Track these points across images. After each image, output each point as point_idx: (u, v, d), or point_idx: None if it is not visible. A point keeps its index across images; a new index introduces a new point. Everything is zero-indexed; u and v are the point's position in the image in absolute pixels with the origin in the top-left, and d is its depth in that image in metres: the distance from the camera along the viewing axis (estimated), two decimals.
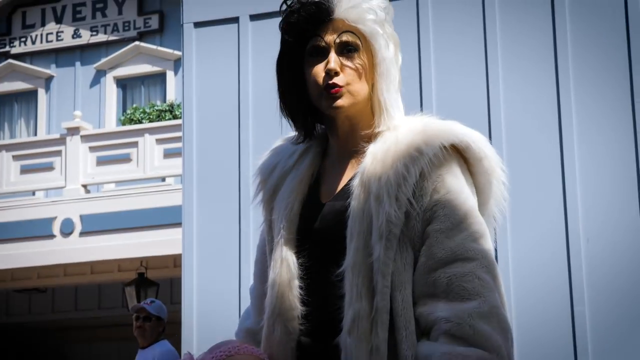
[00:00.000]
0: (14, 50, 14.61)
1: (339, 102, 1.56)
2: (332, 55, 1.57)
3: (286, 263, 1.63)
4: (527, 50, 4.44)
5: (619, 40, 4.24)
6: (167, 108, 12.93)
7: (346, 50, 1.58)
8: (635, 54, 4.17)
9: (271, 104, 3.31)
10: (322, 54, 1.57)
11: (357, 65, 1.58)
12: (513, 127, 4.25)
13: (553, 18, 4.49)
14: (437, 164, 1.51)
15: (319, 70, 1.57)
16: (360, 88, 1.61)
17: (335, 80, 1.55)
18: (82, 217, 11.11)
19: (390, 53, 1.63)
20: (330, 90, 1.56)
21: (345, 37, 1.58)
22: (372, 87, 1.62)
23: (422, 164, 1.50)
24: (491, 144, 1.94)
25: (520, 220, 4.07)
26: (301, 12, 1.58)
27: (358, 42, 1.59)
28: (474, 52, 4.56)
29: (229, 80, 5.33)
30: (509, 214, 3.74)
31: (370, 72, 1.61)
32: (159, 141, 11.50)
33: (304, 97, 1.68)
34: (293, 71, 1.68)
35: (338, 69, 1.56)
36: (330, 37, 1.58)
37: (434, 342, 1.41)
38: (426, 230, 1.48)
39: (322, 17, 1.57)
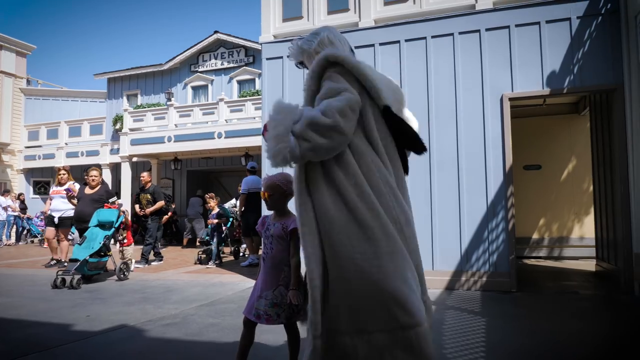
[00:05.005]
0: (199, 69, 14.95)
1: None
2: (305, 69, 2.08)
3: None
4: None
5: None
6: (256, 91, 13.11)
7: (300, 65, 2.14)
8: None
9: (293, 88, 6.04)
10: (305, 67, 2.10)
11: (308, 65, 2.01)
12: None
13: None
14: (317, 66, 1.82)
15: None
16: (310, 65, 1.95)
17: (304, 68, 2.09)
18: (225, 132, 12.21)
19: (310, 55, 2.02)
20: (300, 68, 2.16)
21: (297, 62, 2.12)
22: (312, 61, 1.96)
23: (315, 66, 1.83)
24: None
25: None
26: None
27: (301, 59, 2.09)
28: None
29: (277, 81, 6.33)
30: None
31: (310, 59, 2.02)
32: (253, 103, 12.22)
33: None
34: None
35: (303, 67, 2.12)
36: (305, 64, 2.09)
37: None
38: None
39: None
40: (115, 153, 14.75)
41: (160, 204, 8.37)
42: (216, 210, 8.63)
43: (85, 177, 7.03)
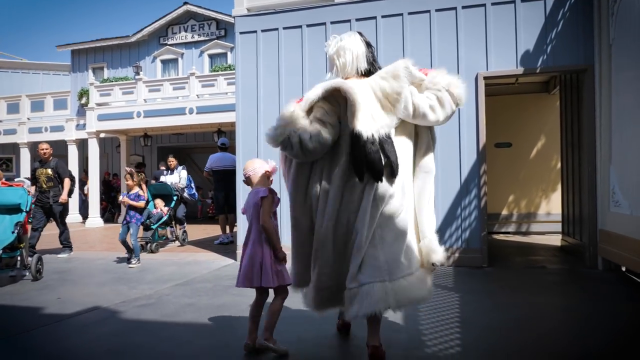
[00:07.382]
0: (168, 42, 14.59)
1: None
2: None
3: None
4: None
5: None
6: (229, 66, 12.89)
7: None
8: None
9: (268, 63, 6.08)
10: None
11: None
12: None
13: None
14: None
15: None
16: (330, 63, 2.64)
17: None
18: (197, 107, 11.88)
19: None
20: None
21: None
22: None
23: None
24: None
25: None
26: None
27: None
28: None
29: (251, 56, 6.26)
30: None
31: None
32: (226, 78, 11.91)
33: None
34: None
35: None
36: None
37: None
38: None
39: None
40: (81, 129, 14.14)
41: (68, 181, 6.90)
42: (135, 190, 6.58)
43: None
